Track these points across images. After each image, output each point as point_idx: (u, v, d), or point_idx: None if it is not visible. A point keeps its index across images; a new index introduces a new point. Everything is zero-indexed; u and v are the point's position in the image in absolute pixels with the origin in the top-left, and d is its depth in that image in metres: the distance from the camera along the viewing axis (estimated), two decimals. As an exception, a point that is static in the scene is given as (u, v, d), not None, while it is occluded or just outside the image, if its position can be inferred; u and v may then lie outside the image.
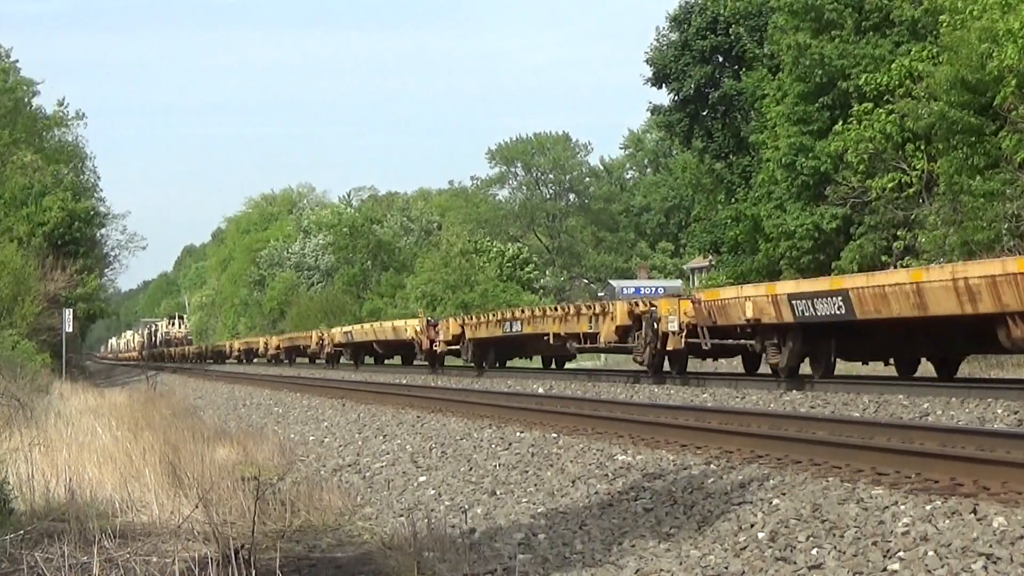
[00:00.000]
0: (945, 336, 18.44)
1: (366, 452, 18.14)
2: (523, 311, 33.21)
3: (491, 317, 34.10)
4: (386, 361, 48.48)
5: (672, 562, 8.73)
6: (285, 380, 40.33)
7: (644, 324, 23.82)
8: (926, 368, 21.56)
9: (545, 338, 29.13)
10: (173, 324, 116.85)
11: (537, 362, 37.82)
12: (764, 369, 22.62)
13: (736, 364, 27.04)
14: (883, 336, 19.20)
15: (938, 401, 15.31)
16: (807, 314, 18.58)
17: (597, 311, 26.43)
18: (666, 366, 24.03)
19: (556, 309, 30.04)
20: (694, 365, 25.33)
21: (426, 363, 39.35)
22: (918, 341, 19.12)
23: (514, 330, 31.55)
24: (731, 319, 20.83)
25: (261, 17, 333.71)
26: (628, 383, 24.27)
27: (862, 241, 38.73)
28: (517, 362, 38.18)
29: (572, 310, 28.21)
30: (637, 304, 25.18)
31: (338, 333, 50.92)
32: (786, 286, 19.98)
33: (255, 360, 73.17)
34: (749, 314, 19.91)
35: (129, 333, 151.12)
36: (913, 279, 16.62)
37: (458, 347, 35.55)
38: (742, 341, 21.37)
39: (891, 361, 20.90)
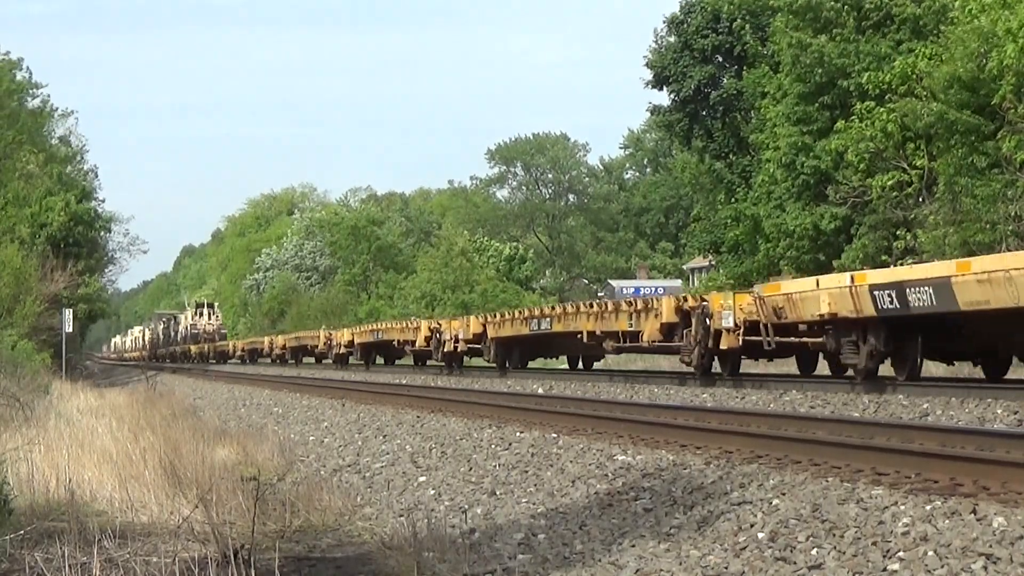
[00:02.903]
0: None
1: (366, 452, 18.14)
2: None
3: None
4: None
5: (672, 562, 8.72)
6: (285, 380, 40.37)
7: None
8: (927, 369, 21.48)
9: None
10: (201, 314, 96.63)
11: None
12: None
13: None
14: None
15: (938, 401, 15.30)
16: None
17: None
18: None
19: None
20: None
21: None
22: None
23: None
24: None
25: (261, 17, 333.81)
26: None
27: (864, 240, 38.74)
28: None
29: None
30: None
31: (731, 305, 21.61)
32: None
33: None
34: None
35: (137, 329, 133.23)
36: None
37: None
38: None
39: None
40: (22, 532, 9.73)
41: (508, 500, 12.36)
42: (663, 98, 52.87)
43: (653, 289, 65.42)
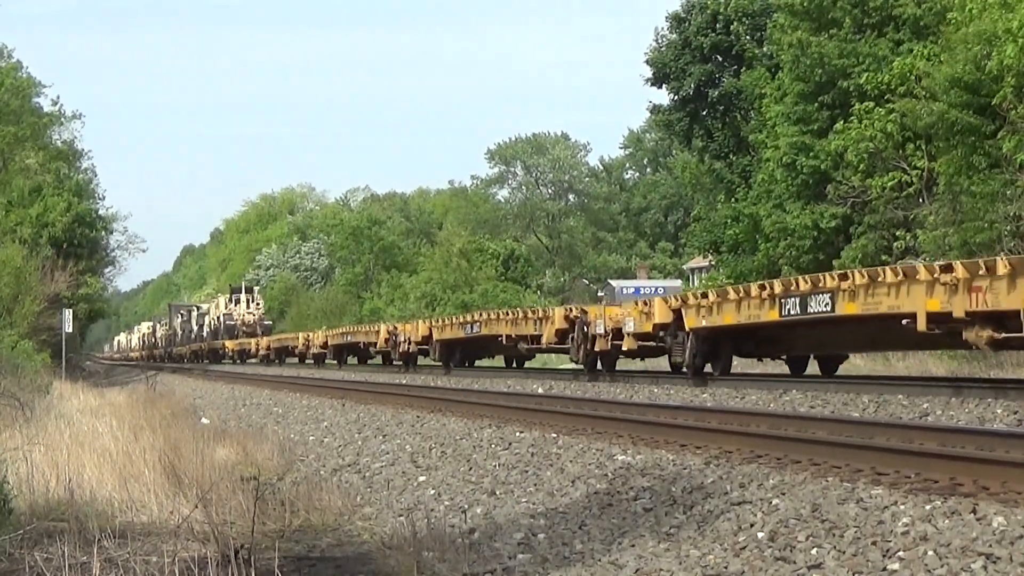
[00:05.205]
0: None
1: (366, 452, 18.14)
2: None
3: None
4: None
5: (672, 562, 8.72)
6: (285, 380, 40.36)
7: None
8: (927, 368, 21.47)
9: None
10: (237, 302, 76.83)
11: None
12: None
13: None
14: None
15: (938, 401, 15.29)
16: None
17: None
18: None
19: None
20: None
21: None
22: None
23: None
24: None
25: (261, 17, 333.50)
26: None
27: (863, 240, 38.72)
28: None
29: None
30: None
31: None
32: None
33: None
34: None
35: (146, 325, 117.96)
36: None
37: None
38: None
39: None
40: (22, 532, 9.74)
41: (508, 500, 12.36)
42: (663, 97, 52.96)
43: (653, 289, 65.30)
